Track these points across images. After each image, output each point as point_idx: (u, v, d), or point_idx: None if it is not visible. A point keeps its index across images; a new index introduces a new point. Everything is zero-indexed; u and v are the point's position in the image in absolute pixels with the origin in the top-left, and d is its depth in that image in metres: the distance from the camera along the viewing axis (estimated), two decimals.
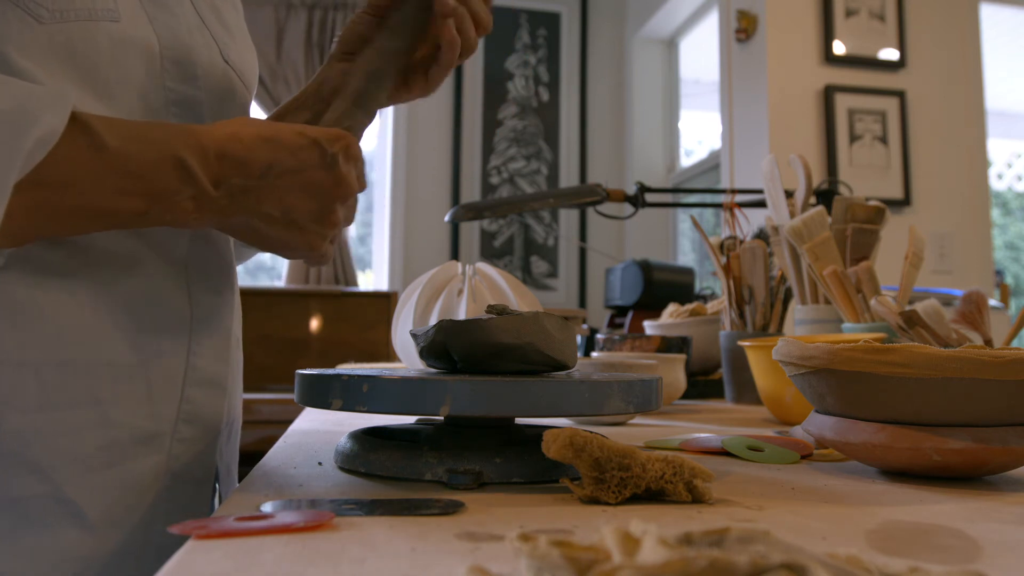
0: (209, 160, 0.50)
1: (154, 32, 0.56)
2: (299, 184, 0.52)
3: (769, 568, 0.23)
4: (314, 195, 0.53)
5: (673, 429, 0.85)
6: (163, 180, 0.48)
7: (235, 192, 0.51)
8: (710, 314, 1.40)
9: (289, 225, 0.53)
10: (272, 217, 0.52)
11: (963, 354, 0.49)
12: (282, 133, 0.53)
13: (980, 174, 2.73)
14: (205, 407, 0.60)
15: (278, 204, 0.52)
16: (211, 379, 0.61)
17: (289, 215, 0.52)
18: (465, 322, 0.55)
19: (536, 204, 1.60)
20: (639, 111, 3.69)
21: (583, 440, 0.44)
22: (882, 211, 1.06)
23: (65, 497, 0.51)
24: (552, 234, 3.63)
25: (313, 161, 0.53)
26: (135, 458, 0.55)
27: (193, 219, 0.51)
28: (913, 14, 2.67)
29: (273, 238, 0.53)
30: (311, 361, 2.92)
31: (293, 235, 0.53)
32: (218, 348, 0.61)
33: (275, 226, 0.53)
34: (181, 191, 0.49)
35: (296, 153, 0.52)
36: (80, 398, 0.52)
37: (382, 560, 0.32)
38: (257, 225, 0.52)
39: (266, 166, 0.51)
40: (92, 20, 0.51)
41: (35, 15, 0.49)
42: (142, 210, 0.49)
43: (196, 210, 0.50)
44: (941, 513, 0.43)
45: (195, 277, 0.59)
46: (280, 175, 0.52)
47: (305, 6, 3.37)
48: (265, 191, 0.51)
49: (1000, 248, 4.76)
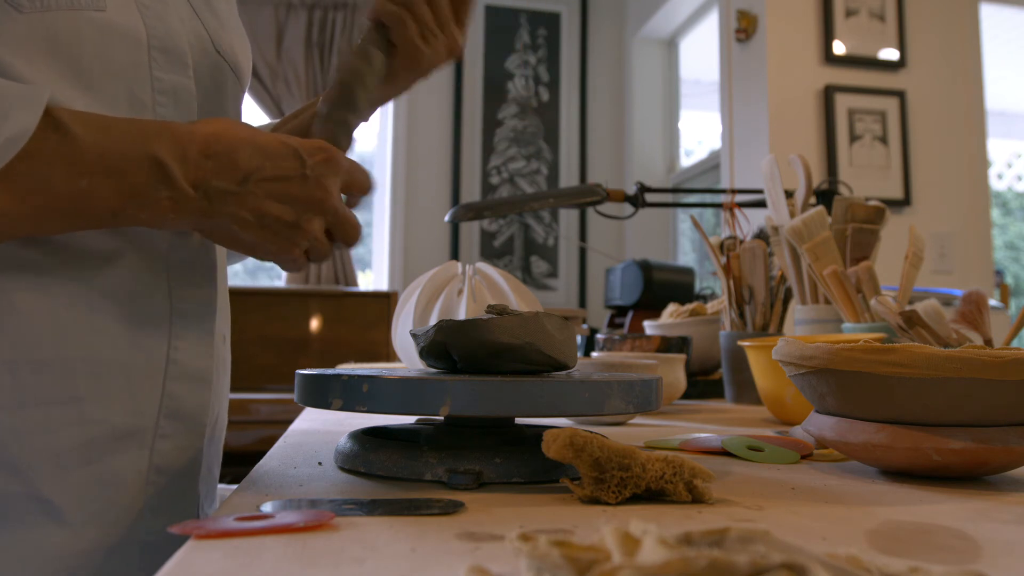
0: (189, 160, 0.49)
1: (142, 21, 0.56)
2: (277, 192, 0.52)
3: (769, 568, 0.23)
4: (291, 204, 0.53)
5: (673, 429, 0.85)
6: (137, 177, 0.48)
7: (214, 195, 0.50)
8: (710, 314, 1.40)
9: (263, 229, 0.53)
10: (247, 221, 0.52)
11: (963, 354, 0.49)
12: (265, 140, 0.53)
13: (980, 174, 2.73)
14: (188, 402, 0.60)
15: (254, 210, 0.52)
16: (194, 374, 0.60)
17: (263, 220, 0.52)
18: (465, 322, 0.55)
19: (536, 204, 1.60)
20: (639, 111, 3.69)
21: (583, 440, 0.44)
22: (882, 211, 1.06)
23: (42, 496, 0.51)
24: (552, 234, 3.63)
25: (293, 171, 0.53)
26: (115, 454, 0.55)
27: (170, 219, 0.51)
28: (913, 14, 2.67)
29: (246, 241, 0.53)
30: (311, 361, 2.92)
31: (266, 239, 0.53)
32: (201, 343, 0.61)
33: (249, 230, 0.52)
34: (157, 190, 0.49)
35: (277, 161, 0.52)
36: (56, 396, 0.52)
37: (382, 560, 0.32)
38: (233, 229, 0.52)
39: (247, 172, 0.51)
40: (75, 9, 0.51)
41: (15, 5, 0.49)
42: (116, 208, 0.48)
43: (173, 210, 0.50)
44: (941, 513, 0.43)
45: (176, 273, 0.59)
46: (259, 182, 0.52)
47: (305, 6, 3.37)
48: (243, 197, 0.51)
49: (1000, 248, 4.76)
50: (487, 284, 1.04)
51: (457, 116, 3.55)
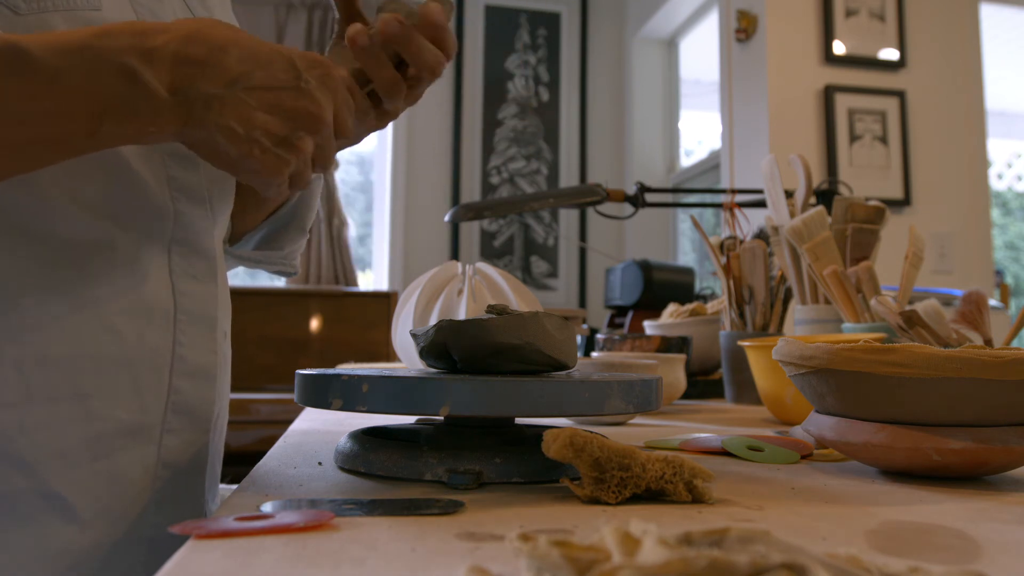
0: (163, 64, 0.46)
1: (137, 19, 0.55)
2: (268, 102, 0.48)
3: (769, 568, 0.23)
4: (282, 117, 0.49)
5: (673, 429, 0.85)
6: (105, 87, 0.45)
7: (196, 101, 0.47)
8: (710, 314, 1.40)
9: (251, 143, 0.48)
10: (235, 133, 0.48)
11: (963, 354, 0.49)
12: (255, 43, 0.49)
13: (980, 174, 2.73)
14: (194, 398, 0.60)
15: (243, 120, 0.48)
16: (199, 370, 0.60)
17: (252, 133, 0.48)
18: (465, 322, 0.55)
19: (536, 204, 1.60)
20: (639, 111, 3.69)
21: (583, 440, 0.44)
22: (882, 211, 1.06)
23: (51, 492, 0.51)
24: (552, 234, 3.63)
25: (286, 81, 0.49)
26: (123, 450, 0.55)
27: (151, 132, 0.47)
28: (913, 14, 2.67)
29: (230, 155, 0.49)
30: (311, 361, 2.92)
31: (253, 154, 0.49)
32: (205, 339, 0.61)
33: (236, 142, 0.48)
34: (130, 101, 0.45)
35: (268, 68, 0.48)
36: (63, 392, 0.52)
37: (382, 560, 0.32)
38: (218, 139, 0.48)
39: (235, 75, 0.47)
40: (71, 9, 0.51)
41: (11, 6, 0.49)
42: (92, 129, 0.45)
43: (152, 122, 0.46)
44: (941, 513, 0.43)
45: (178, 269, 0.59)
46: (249, 90, 0.48)
47: (305, 6, 3.37)
48: (231, 103, 0.47)
49: (1000, 248, 4.76)
50: (487, 284, 1.04)
51: (457, 116, 3.55)
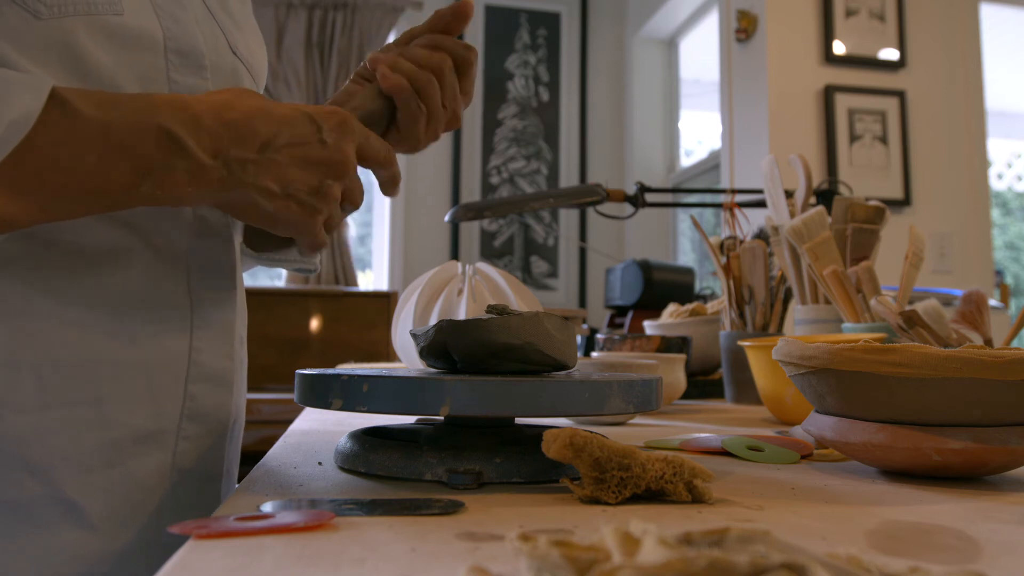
0: (204, 129, 0.48)
1: (159, 23, 0.55)
2: (298, 158, 0.51)
3: (769, 568, 0.23)
4: (312, 170, 0.52)
5: (673, 429, 0.85)
6: (147, 150, 0.47)
7: (233, 165, 0.49)
8: (710, 314, 1.40)
9: (288, 199, 0.52)
10: (271, 191, 0.51)
11: (963, 354, 0.49)
12: (276, 107, 0.52)
13: (980, 174, 2.73)
14: (210, 404, 0.60)
15: (278, 179, 0.51)
16: (215, 376, 0.60)
17: (287, 189, 0.51)
18: (465, 322, 0.54)
19: (536, 204, 1.60)
20: (639, 111, 3.69)
21: (583, 440, 0.44)
22: (882, 211, 1.06)
23: (66, 497, 0.51)
24: (552, 234, 3.63)
25: (308, 136, 0.52)
26: (138, 457, 0.55)
27: (189, 194, 0.49)
28: (913, 14, 2.67)
29: (268, 212, 0.52)
30: (311, 361, 2.92)
31: (291, 209, 0.52)
32: (221, 345, 0.61)
33: (273, 200, 0.51)
34: (171, 163, 0.47)
35: (292, 127, 0.51)
36: (79, 397, 0.52)
37: (382, 560, 0.32)
38: (256, 199, 0.51)
39: (266, 139, 0.50)
40: (92, 14, 0.51)
41: (33, 11, 0.49)
42: (129, 185, 0.47)
43: (190, 183, 0.48)
44: (941, 513, 0.43)
45: (196, 274, 0.59)
46: (279, 149, 0.51)
47: (305, 6, 3.37)
48: (264, 165, 0.50)
49: (1000, 248, 4.76)
50: (487, 284, 1.04)
51: None
